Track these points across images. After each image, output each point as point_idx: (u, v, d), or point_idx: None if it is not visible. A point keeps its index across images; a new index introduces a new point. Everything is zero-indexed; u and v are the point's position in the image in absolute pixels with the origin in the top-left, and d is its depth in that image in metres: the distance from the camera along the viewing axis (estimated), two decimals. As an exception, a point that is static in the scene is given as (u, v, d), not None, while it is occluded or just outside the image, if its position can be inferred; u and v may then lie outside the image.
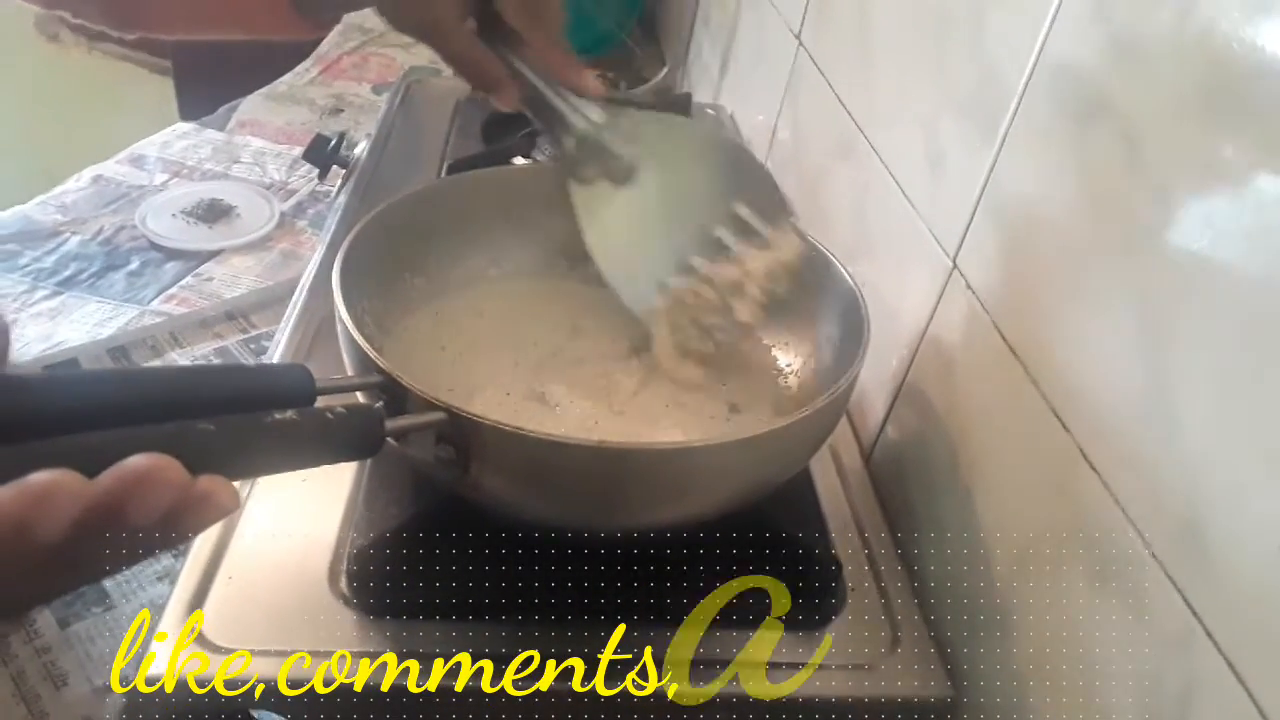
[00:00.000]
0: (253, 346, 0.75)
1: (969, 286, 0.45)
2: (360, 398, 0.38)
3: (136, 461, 0.23)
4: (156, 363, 0.72)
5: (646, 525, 0.40)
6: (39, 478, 0.21)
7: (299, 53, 1.35)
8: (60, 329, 0.74)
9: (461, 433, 0.35)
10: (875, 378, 0.54)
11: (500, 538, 0.41)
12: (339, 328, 0.40)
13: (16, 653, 0.50)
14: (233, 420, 0.27)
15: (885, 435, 0.53)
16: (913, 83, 0.54)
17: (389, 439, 0.32)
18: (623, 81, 1.36)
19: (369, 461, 0.45)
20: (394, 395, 0.36)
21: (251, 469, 0.27)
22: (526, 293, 0.53)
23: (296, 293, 0.66)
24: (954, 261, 0.46)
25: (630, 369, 0.48)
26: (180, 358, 0.73)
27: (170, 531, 0.24)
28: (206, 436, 0.26)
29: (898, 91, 0.56)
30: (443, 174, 0.73)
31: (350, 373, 0.40)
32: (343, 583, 0.40)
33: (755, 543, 0.44)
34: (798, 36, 0.77)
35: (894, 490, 0.50)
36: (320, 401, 0.33)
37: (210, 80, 1.84)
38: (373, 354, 0.37)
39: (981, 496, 0.43)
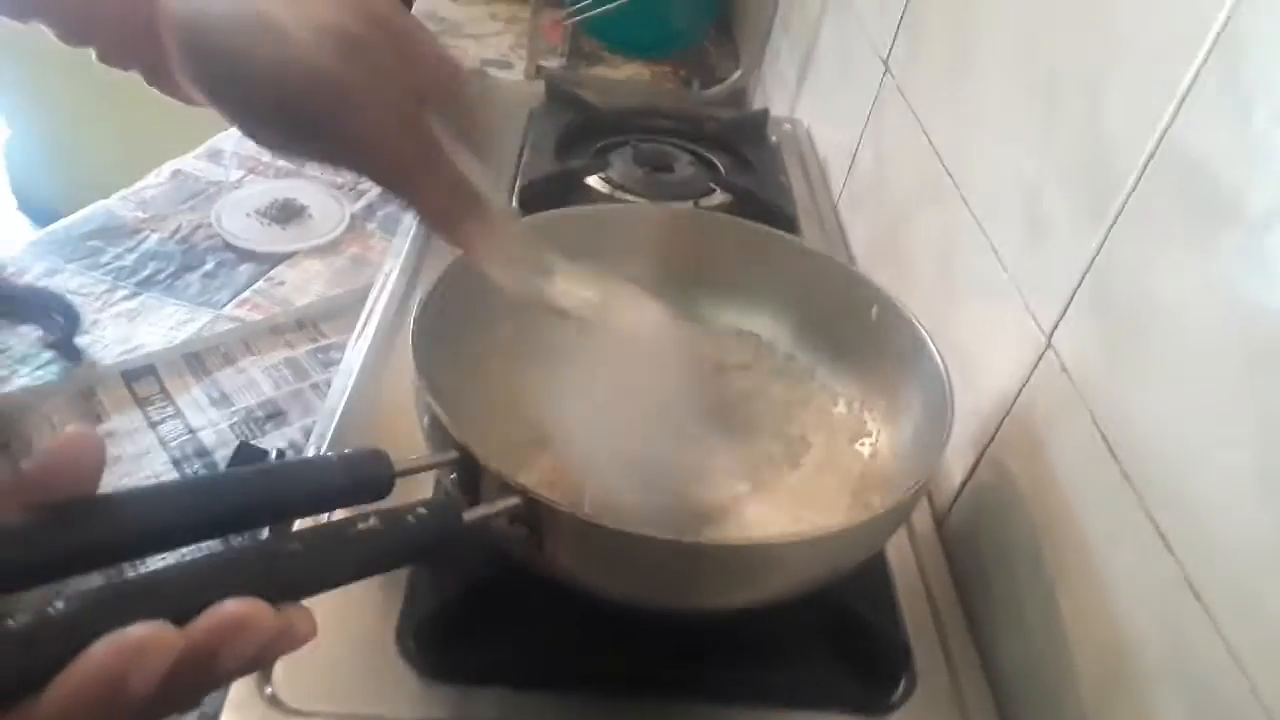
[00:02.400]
0: (321, 357, 0.76)
1: (1064, 369, 0.43)
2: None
3: (228, 610, 0.23)
4: (229, 370, 0.74)
5: (717, 609, 0.39)
6: (134, 632, 0.21)
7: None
8: (138, 331, 0.76)
9: (537, 516, 0.34)
10: (954, 437, 0.52)
11: (569, 608, 0.41)
12: (416, 398, 0.39)
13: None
14: (318, 538, 0.27)
15: (962, 501, 0.51)
16: (1014, 137, 0.51)
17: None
18: (696, 81, 1.34)
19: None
20: (469, 470, 0.36)
21: (334, 584, 0.26)
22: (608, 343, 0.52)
23: (367, 305, 0.66)
24: (1049, 339, 0.44)
25: (706, 430, 0.47)
26: (252, 366, 0.74)
27: (250, 667, 0.24)
28: (295, 563, 0.25)
29: (995, 142, 0.54)
30: (516, 195, 0.72)
31: (423, 436, 0.40)
32: (410, 645, 0.40)
33: (823, 621, 0.43)
34: (884, 61, 0.74)
35: (969, 563, 0.49)
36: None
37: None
38: (452, 429, 0.36)
39: (1067, 598, 0.41)
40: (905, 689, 0.42)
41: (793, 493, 0.45)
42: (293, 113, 0.33)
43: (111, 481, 0.65)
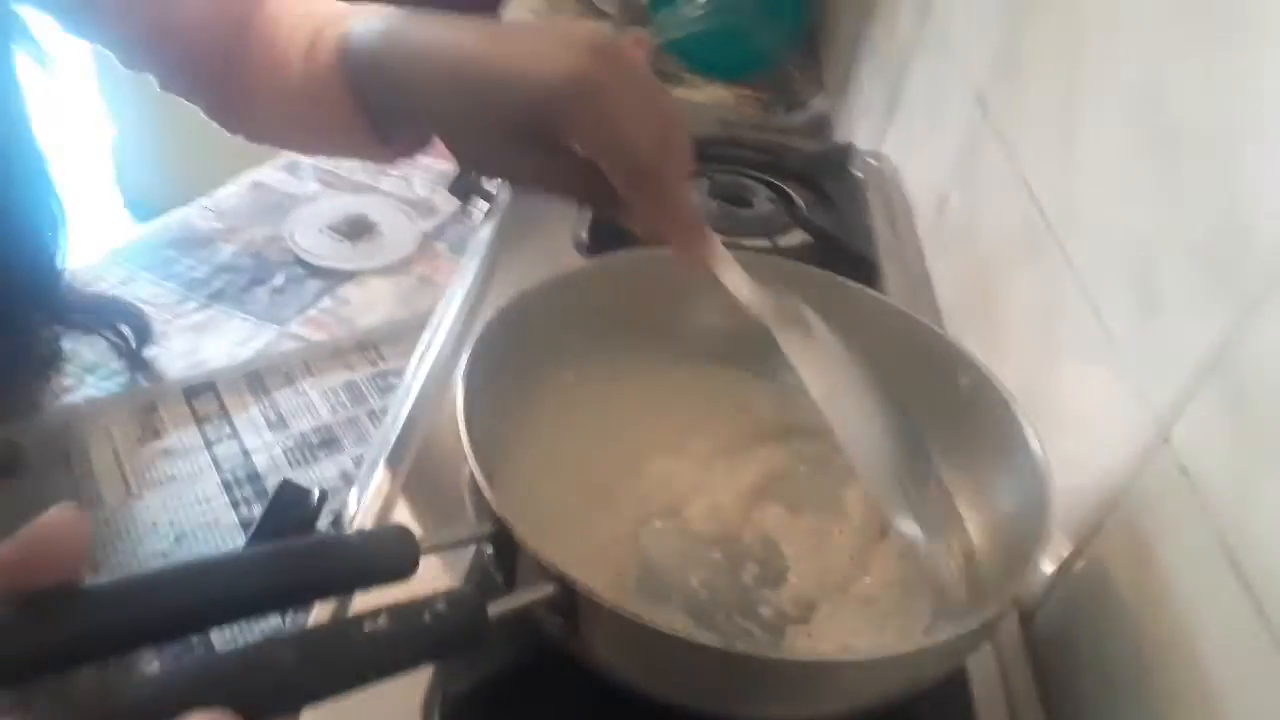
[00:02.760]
0: (380, 382, 0.75)
1: (1184, 470, 0.38)
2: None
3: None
4: (288, 390, 0.73)
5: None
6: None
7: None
8: (204, 345, 0.76)
9: (574, 605, 0.31)
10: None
11: (605, 697, 0.38)
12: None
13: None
14: (317, 643, 0.24)
15: (1053, 600, 0.46)
16: (1129, 196, 0.46)
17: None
18: (780, 106, 1.30)
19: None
20: (505, 547, 0.33)
21: (334, 694, 0.24)
22: (676, 386, 0.49)
23: (426, 332, 0.64)
24: (1167, 435, 0.39)
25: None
26: (311, 388, 0.73)
27: None
28: (281, 673, 0.23)
29: (1107, 199, 0.49)
30: (585, 230, 0.69)
31: (466, 498, 0.37)
32: (433, 725, 0.38)
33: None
34: (982, 101, 0.69)
35: (1057, 676, 0.44)
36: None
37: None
38: (492, 500, 0.33)
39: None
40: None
41: (866, 595, 0.41)
42: (547, 118, 0.36)
43: (163, 501, 0.64)
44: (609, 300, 0.48)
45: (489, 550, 0.34)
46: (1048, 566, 0.47)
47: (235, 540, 0.60)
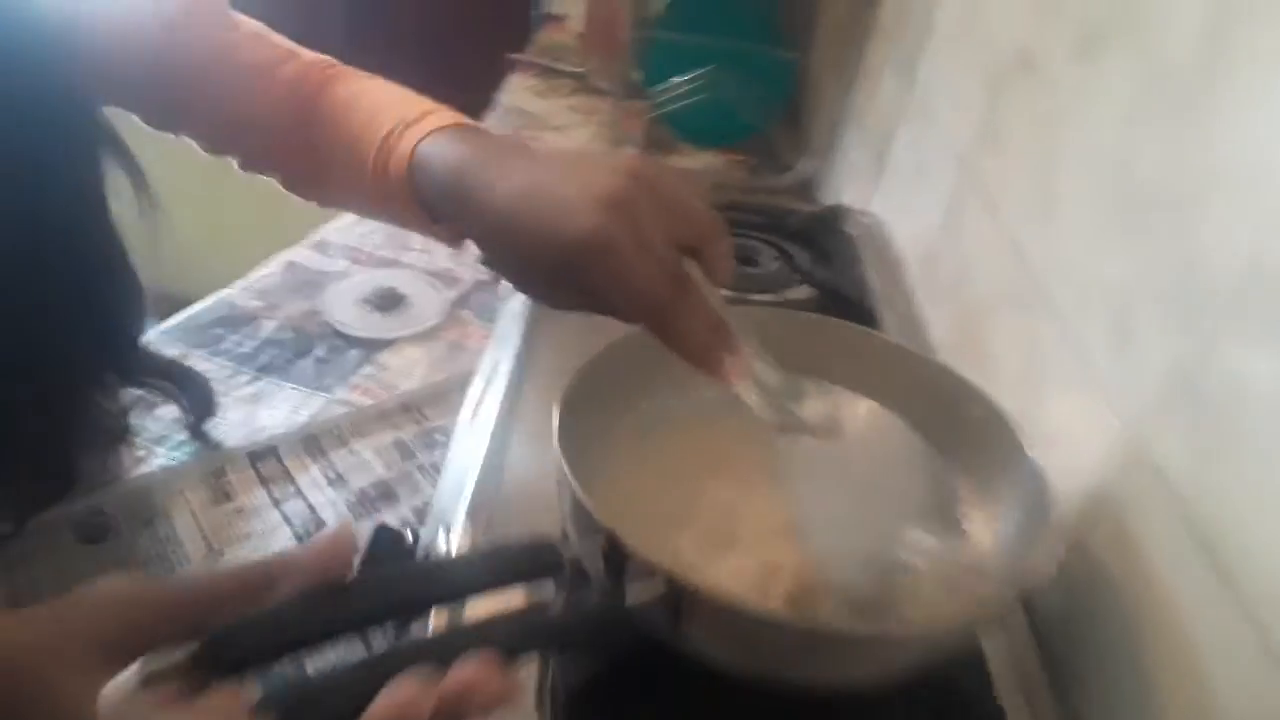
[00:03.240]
0: (426, 440, 0.81)
1: (1158, 471, 0.45)
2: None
3: (469, 669, 0.27)
4: (343, 451, 0.79)
5: (837, 686, 0.42)
6: (408, 680, 0.25)
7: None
8: (260, 414, 0.82)
9: (679, 599, 0.38)
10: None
11: (698, 683, 0.43)
12: (558, 481, 0.43)
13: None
14: (522, 620, 0.31)
15: (1051, 591, 0.53)
16: (1103, 249, 0.54)
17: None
18: (767, 171, 1.40)
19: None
20: (615, 554, 0.39)
21: (527, 652, 0.30)
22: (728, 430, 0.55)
23: (476, 391, 0.71)
24: (1141, 443, 0.47)
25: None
26: (364, 448, 0.79)
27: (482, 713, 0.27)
28: (510, 632, 0.29)
29: (1084, 252, 0.57)
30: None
31: (565, 519, 0.43)
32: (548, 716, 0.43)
33: (927, 694, 0.45)
34: (964, 162, 0.78)
35: (1058, 651, 0.50)
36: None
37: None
38: (597, 514, 0.39)
39: (1168, 692, 0.42)
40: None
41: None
42: (572, 269, 0.41)
43: (243, 556, 0.70)
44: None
45: (599, 563, 0.40)
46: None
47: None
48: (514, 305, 0.82)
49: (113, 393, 0.68)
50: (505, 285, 0.90)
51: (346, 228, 1.12)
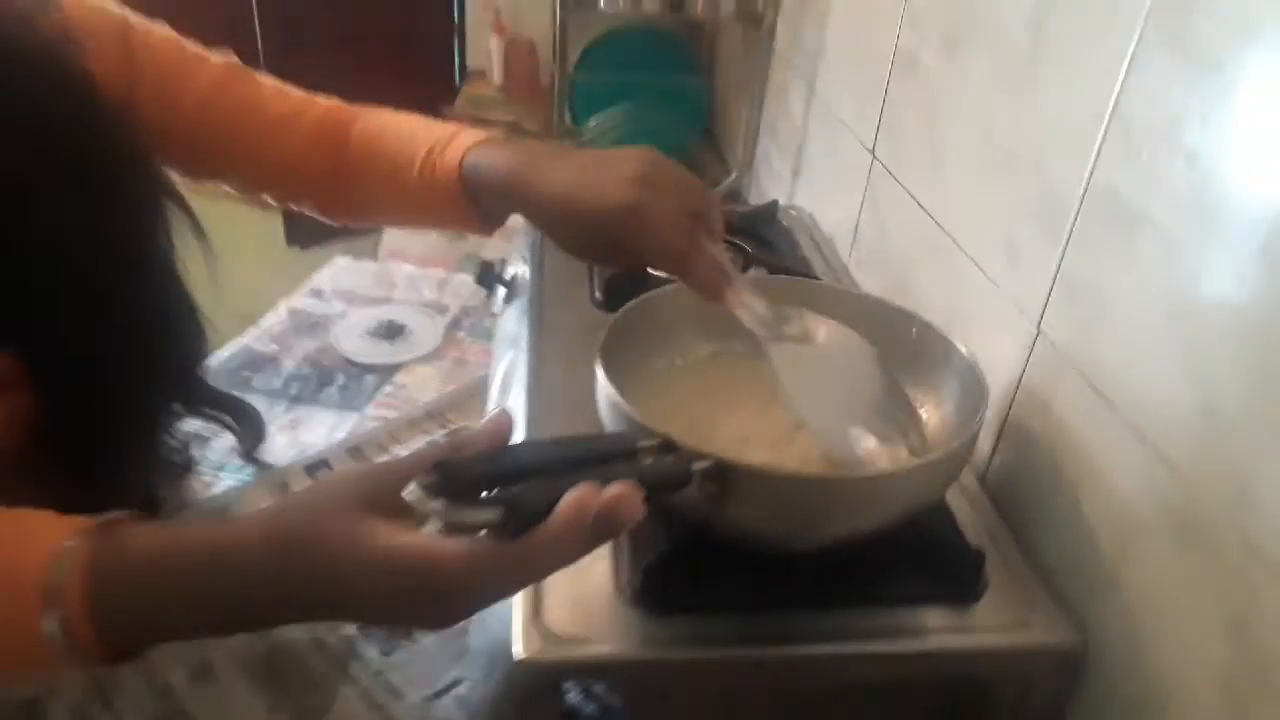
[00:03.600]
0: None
1: (1053, 345, 0.61)
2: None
3: (621, 484, 0.40)
4: (385, 456, 0.90)
5: (846, 534, 0.56)
6: (583, 487, 0.38)
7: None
8: (302, 436, 0.92)
9: (724, 472, 0.51)
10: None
11: (736, 557, 0.57)
12: (609, 407, 0.56)
13: (357, 676, 0.66)
14: (638, 467, 0.44)
15: (994, 464, 0.69)
16: (986, 194, 0.71)
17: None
18: (695, 186, 1.56)
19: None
20: (668, 450, 0.53)
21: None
22: (733, 370, 0.70)
23: (490, 390, 0.84)
24: (1039, 327, 0.63)
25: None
26: (402, 450, 0.91)
27: (626, 523, 0.40)
28: (643, 471, 0.43)
29: (973, 198, 0.74)
30: (598, 290, 0.90)
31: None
32: (627, 592, 0.56)
33: (914, 547, 0.59)
34: (872, 151, 0.95)
35: (1007, 498, 0.66)
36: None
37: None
38: (650, 425, 0.53)
39: (1085, 499, 0.58)
40: (981, 587, 0.59)
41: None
42: (614, 232, 0.56)
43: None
44: (690, 310, 0.69)
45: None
46: (987, 444, 0.69)
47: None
48: (509, 319, 0.95)
49: (178, 424, 0.78)
50: (495, 304, 1.03)
51: (335, 275, 1.24)
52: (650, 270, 0.67)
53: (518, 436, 0.70)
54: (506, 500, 0.38)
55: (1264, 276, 0.45)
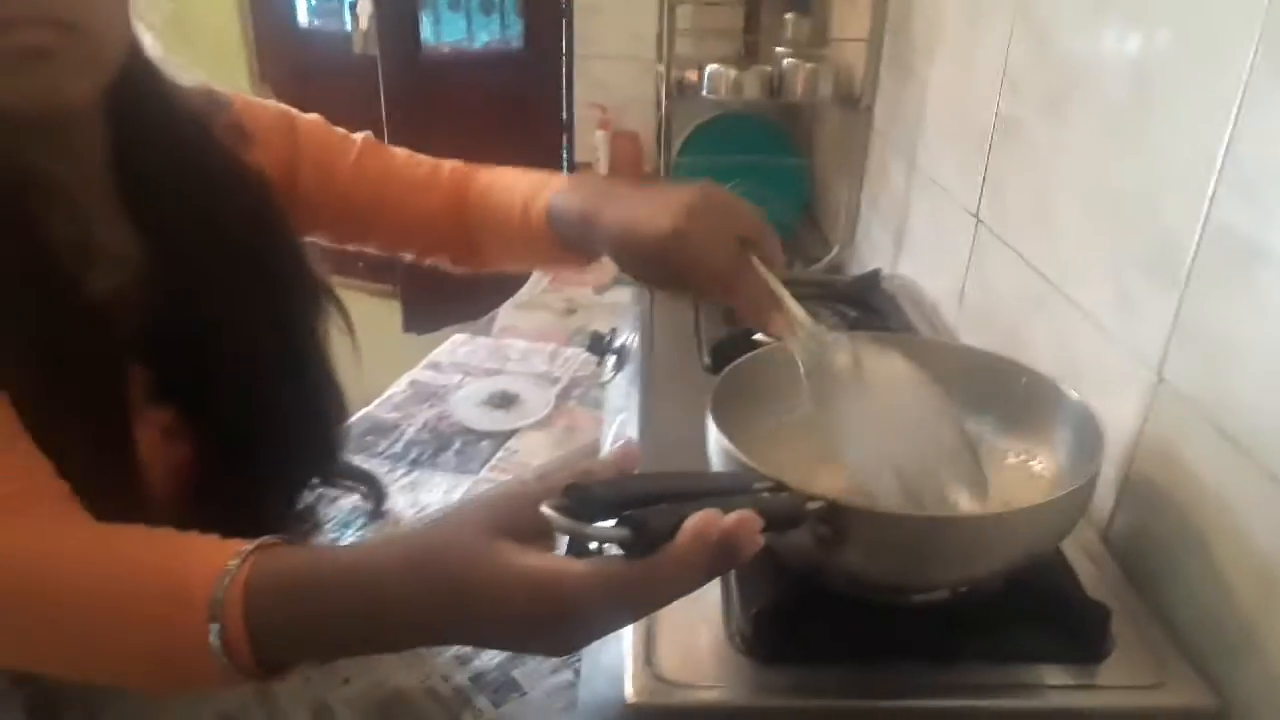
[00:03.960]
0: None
1: (1179, 394, 0.60)
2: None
3: (745, 513, 0.41)
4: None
5: (962, 580, 0.55)
6: (705, 513, 0.39)
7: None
8: (421, 497, 0.96)
9: (838, 514, 0.51)
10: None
11: (849, 606, 0.57)
12: (720, 455, 0.57)
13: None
14: (754, 500, 0.45)
15: (1117, 522, 0.66)
16: (1096, 244, 0.71)
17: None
18: (798, 262, 1.58)
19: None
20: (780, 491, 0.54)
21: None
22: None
23: (601, 453, 0.86)
24: (1160, 374, 0.61)
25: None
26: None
27: (748, 551, 0.41)
28: (760, 504, 0.44)
29: (1085, 252, 0.73)
30: (705, 355, 0.92)
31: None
32: (741, 638, 0.56)
33: (1035, 600, 0.57)
34: (975, 215, 0.96)
35: (1135, 559, 0.63)
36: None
37: (430, 298, 2.20)
38: (762, 469, 0.54)
39: (1219, 550, 0.56)
40: (1109, 645, 0.56)
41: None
42: (665, 257, 0.60)
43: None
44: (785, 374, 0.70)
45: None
46: (1109, 500, 0.67)
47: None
48: (618, 386, 0.98)
49: (309, 488, 0.83)
50: (605, 373, 1.06)
51: (453, 350, 1.30)
52: (747, 328, 0.68)
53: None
54: (634, 520, 0.40)
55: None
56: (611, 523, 0.41)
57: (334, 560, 0.46)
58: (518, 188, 0.78)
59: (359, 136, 0.81)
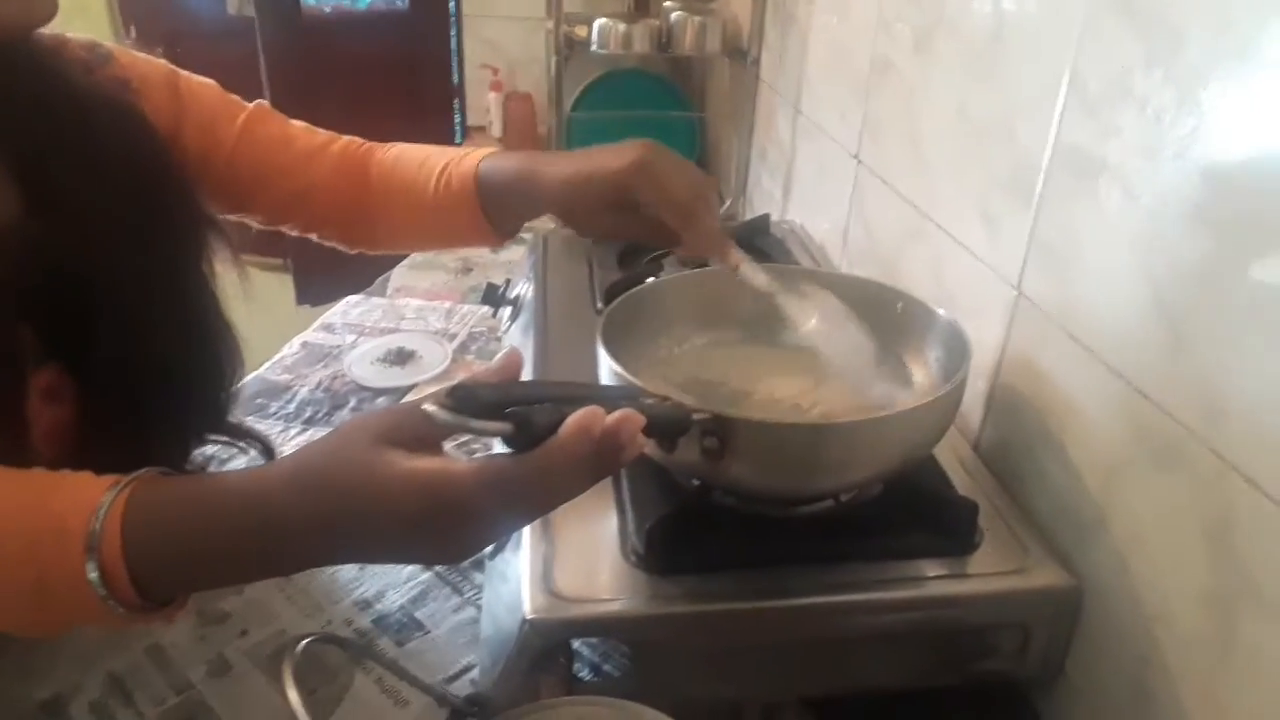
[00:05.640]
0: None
1: (1034, 303, 0.64)
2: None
3: (624, 411, 0.42)
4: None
5: (845, 485, 0.58)
6: (588, 409, 0.40)
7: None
8: (316, 453, 0.95)
9: (723, 427, 0.53)
10: (969, 394, 0.72)
11: (729, 518, 0.59)
12: (611, 380, 0.59)
13: (371, 666, 0.68)
14: (639, 403, 0.46)
15: (986, 431, 0.71)
16: (962, 171, 0.74)
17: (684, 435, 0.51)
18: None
19: (624, 477, 0.64)
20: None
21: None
22: (724, 352, 0.72)
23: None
24: (1019, 289, 0.66)
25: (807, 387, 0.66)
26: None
27: (631, 450, 0.42)
28: (645, 408, 0.45)
29: (950, 179, 0.77)
30: (599, 300, 0.93)
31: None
32: (632, 557, 0.58)
33: (909, 501, 0.61)
34: (856, 156, 0.99)
35: (1002, 462, 0.68)
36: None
37: (323, 269, 2.14)
38: (648, 388, 0.56)
39: (1072, 445, 0.60)
40: (978, 537, 0.60)
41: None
42: (628, 188, 0.63)
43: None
44: (686, 301, 0.72)
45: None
46: (979, 410, 0.71)
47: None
48: (514, 335, 0.98)
49: (198, 448, 0.81)
50: (501, 324, 1.06)
51: (345, 311, 1.27)
52: (654, 242, 0.71)
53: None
54: (517, 415, 0.40)
55: (1213, 197, 0.47)
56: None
57: (219, 485, 0.45)
58: (433, 158, 0.77)
59: (252, 105, 0.78)
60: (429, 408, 0.40)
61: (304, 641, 0.46)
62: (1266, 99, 0.44)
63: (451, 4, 2.18)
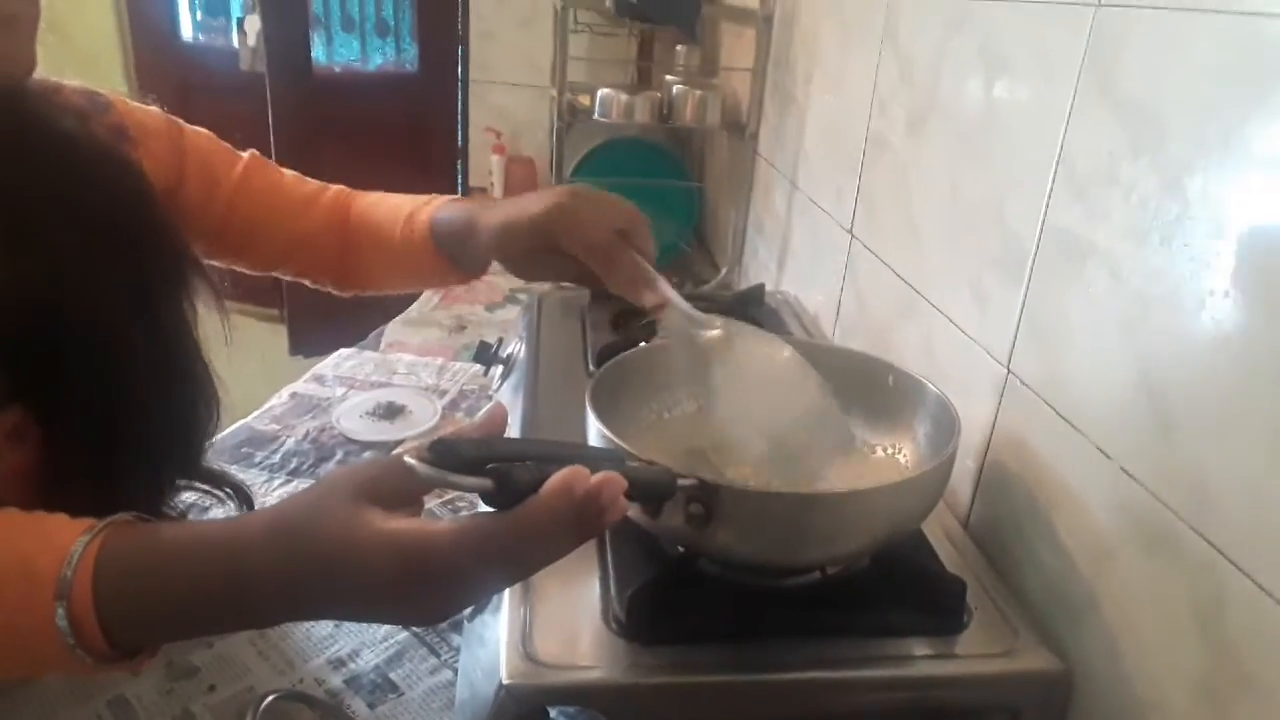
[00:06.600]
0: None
1: (1023, 382, 0.64)
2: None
3: (608, 473, 0.41)
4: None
5: (831, 557, 0.57)
6: (571, 468, 0.40)
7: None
8: (299, 506, 0.94)
9: (709, 492, 0.53)
10: (958, 471, 0.72)
11: (714, 587, 0.58)
12: (598, 440, 0.59)
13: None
14: (624, 466, 0.46)
15: (975, 508, 0.70)
16: (955, 251, 0.75)
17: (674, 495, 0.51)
18: (687, 283, 1.62)
19: (608, 540, 0.63)
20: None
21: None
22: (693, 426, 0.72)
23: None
24: (1009, 368, 0.66)
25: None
26: (396, 519, 0.91)
27: (614, 512, 0.41)
28: (629, 471, 0.45)
29: (942, 257, 0.78)
30: (592, 362, 0.93)
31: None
32: (613, 624, 0.57)
33: (897, 577, 0.60)
34: (850, 231, 1.01)
35: (991, 541, 0.67)
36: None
37: (318, 320, 2.15)
38: (635, 452, 0.55)
39: (1062, 525, 0.60)
40: (967, 617, 0.59)
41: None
42: (547, 230, 0.65)
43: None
44: (681, 365, 0.72)
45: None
46: (968, 486, 0.71)
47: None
48: (505, 394, 0.98)
49: (177, 496, 0.80)
50: (492, 383, 1.06)
51: (337, 363, 1.27)
52: (585, 284, 0.74)
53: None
54: (498, 471, 0.40)
55: (1198, 281, 0.48)
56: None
57: (194, 534, 0.44)
58: (402, 207, 0.80)
59: (246, 154, 0.81)
60: (409, 460, 0.40)
61: (270, 697, 0.45)
62: (1249, 187, 0.45)
63: (460, 69, 2.24)
